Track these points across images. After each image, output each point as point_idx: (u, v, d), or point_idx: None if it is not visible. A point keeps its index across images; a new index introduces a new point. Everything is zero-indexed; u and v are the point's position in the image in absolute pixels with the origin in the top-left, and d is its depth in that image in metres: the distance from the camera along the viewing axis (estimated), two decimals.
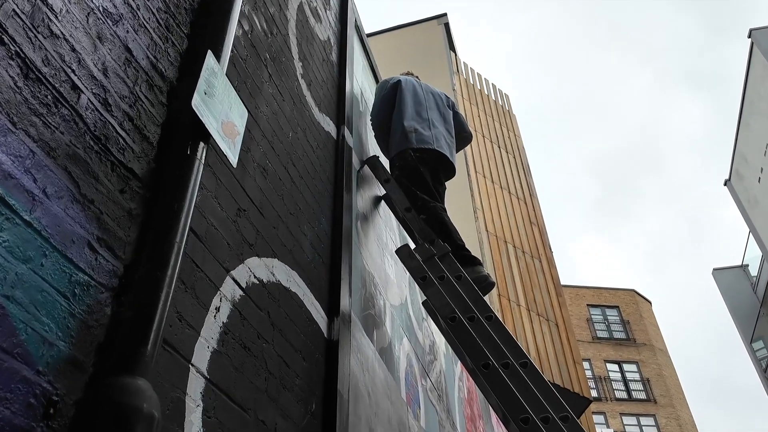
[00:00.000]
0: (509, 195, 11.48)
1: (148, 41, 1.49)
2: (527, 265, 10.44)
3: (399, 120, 3.12)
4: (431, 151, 3.01)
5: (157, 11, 1.57)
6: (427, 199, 2.81)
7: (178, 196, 1.19)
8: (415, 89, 3.27)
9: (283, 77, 2.25)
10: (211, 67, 1.38)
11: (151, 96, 1.45)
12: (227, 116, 1.40)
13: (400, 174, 2.95)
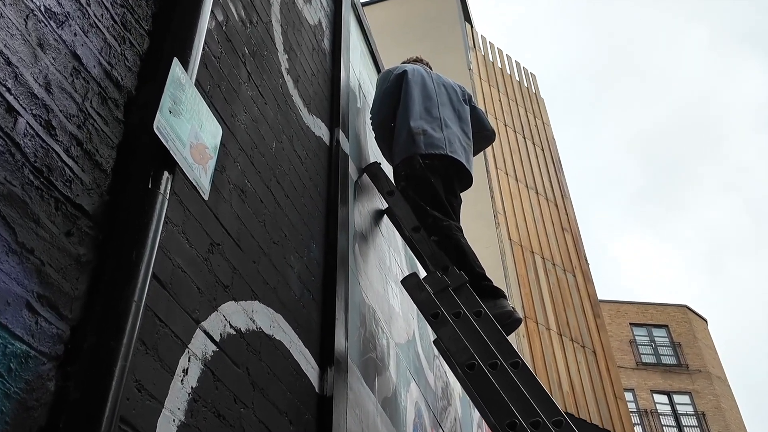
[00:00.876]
0: (537, 196, 11.46)
1: (100, 44, 1.47)
2: (558, 281, 10.42)
3: (404, 119, 3.09)
4: (443, 156, 2.99)
5: (111, 5, 1.55)
6: (439, 217, 2.78)
7: (137, 242, 1.17)
8: (424, 81, 3.25)
9: (265, 75, 2.22)
10: (177, 78, 1.36)
11: (105, 112, 1.42)
12: (197, 137, 1.37)
13: (406, 185, 2.93)
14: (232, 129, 1.89)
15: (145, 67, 1.63)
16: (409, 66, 3.35)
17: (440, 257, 2.65)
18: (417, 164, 2.94)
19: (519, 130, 12.81)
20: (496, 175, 11.18)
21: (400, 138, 3.07)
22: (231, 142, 1.87)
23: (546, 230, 11.02)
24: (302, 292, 2.10)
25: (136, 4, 1.65)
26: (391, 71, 3.30)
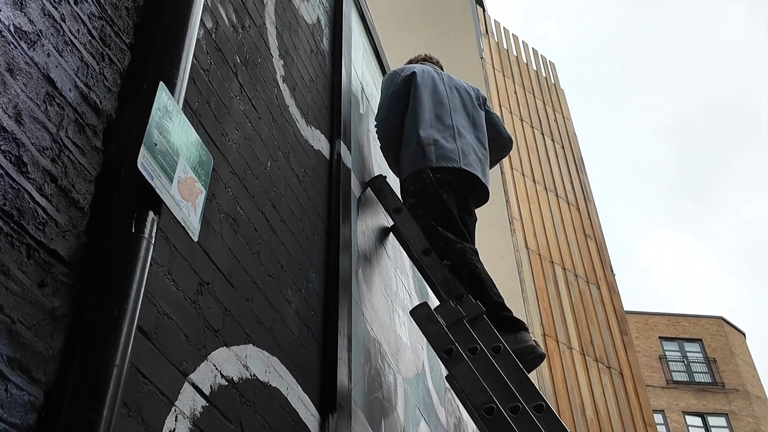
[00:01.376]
0: (557, 199, 11.44)
1: (76, 64, 1.45)
2: (581, 294, 10.40)
3: (413, 127, 3.07)
4: (456, 170, 2.97)
5: (88, 18, 1.53)
6: (452, 239, 2.77)
7: (119, 296, 1.15)
8: (435, 84, 3.23)
9: (259, 86, 2.21)
10: (163, 105, 1.34)
11: (82, 141, 1.41)
12: (185, 171, 1.36)
13: (415, 202, 2.91)
14: (222, 150, 1.88)
15: (127, 86, 1.61)
16: (418, 67, 3.33)
17: (454, 284, 2.64)
18: (427, 179, 2.92)
19: (537, 125, 12.80)
20: (512, 177, 11.16)
21: (408, 149, 3.05)
22: (222, 165, 1.85)
23: (567, 237, 10.99)
24: (300, 330, 2.08)
25: (116, 14, 1.64)
26: (398, 73, 3.28)
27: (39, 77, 1.34)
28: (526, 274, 10.00)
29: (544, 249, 10.46)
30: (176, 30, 1.58)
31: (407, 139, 3.08)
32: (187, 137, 1.40)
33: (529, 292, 9.84)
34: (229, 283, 1.74)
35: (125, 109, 1.57)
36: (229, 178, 1.88)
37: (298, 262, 2.19)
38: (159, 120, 1.31)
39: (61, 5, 1.45)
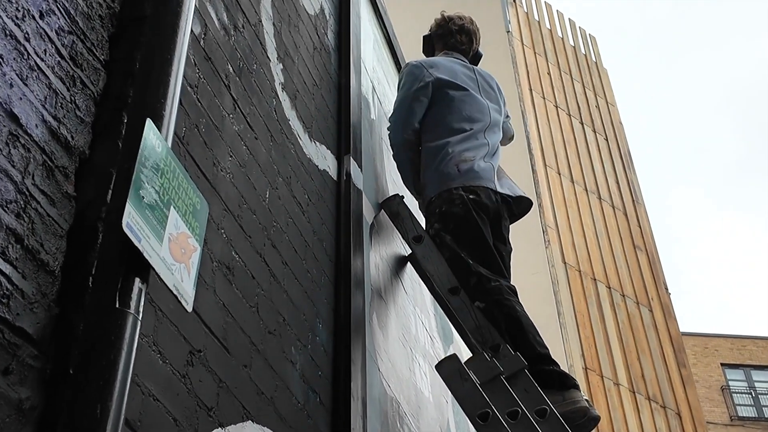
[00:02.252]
0: (599, 203, 11.44)
1: (44, 92, 1.45)
2: (630, 318, 10.39)
3: (442, 138, 3.08)
4: (492, 192, 2.97)
5: (57, 35, 1.53)
6: (487, 275, 2.76)
7: (102, 390, 1.14)
8: (469, 89, 3.25)
9: (255, 98, 2.21)
10: (151, 146, 1.33)
11: (51, 187, 1.40)
12: (177, 225, 1.35)
13: (442, 228, 2.91)
14: (214, 183, 1.87)
15: (102, 115, 1.61)
16: (449, 64, 3.32)
17: (488, 332, 2.63)
18: (458, 199, 2.92)
19: (575, 112, 12.79)
20: (545, 176, 11.16)
21: (433, 162, 3.05)
22: (214, 202, 1.84)
23: (613, 249, 10.99)
24: (307, 396, 2.08)
25: (88, 26, 1.64)
26: (424, 67, 3.27)
27: (0, 114, 1.33)
28: (564, 295, 9.99)
29: (585, 264, 10.44)
30: (162, 44, 1.58)
31: (433, 151, 3.07)
32: (179, 183, 1.39)
33: (567, 316, 9.83)
34: (223, 348, 1.74)
35: (101, 144, 1.57)
36: (222, 217, 1.88)
37: (302, 312, 2.19)
38: (146, 167, 1.30)
39: (25, 22, 1.44)
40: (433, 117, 3.18)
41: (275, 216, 2.17)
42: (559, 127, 12.10)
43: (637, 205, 12.08)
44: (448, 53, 3.47)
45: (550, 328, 9.39)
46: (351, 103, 2.91)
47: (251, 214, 2.03)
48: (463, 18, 3.55)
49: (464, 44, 3.51)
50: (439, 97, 3.20)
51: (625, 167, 12.50)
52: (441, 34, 3.53)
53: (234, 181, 1.98)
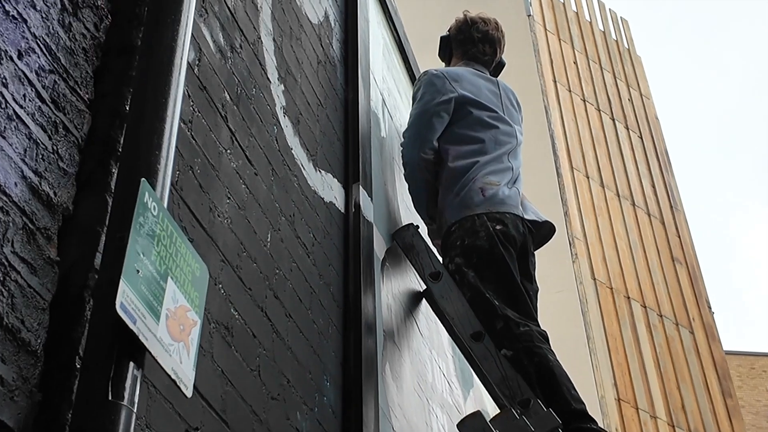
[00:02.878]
0: (633, 210, 11.45)
1: (23, 144, 1.46)
2: (668, 341, 10.40)
3: (465, 158, 3.11)
4: (519, 220, 2.99)
5: (37, 76, 1.54)
6: (515, 318, 2.77)
7: None
8: (496, 112, 3.27)
9: (255, 127, 2.22)
10: (146, 210, 1.34)
11: (32, 254, 1.41)
12: (175, 298, 1.36)
13: (463, 263, 2.92)
14: (211, 232, 1.88)
15: (87, 163, 1.62)
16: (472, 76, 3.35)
17: (517, 384, 2.64)
18: (483, 230, 2.93)
19: (605, 107, 12.81)
20: (572, 180, 11.16)
21: (455, 185, 3.07)
22: (210, 253, 1.86)
23: (648, 263, 11.00)
24: None
25: (71, 61, 1.65)
26: (445, 78, 3.28)
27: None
28: (593, 316, 10.00)
29: (617, 280, 10.46)
30: (155, 83, 1.59)
31: (455, 172, 3.09)
32: (176, 249, 1.40)
33: (597, 339, 9.84)
34: (222, 422, 1.75)
35: (86, 198, 1.58)
36: (220, 270, 1.89)
37: (308, 370, 2.20)
38: (141, 236, 1.31)
39: (2, 65, 1.45)
40: (454, 135, 3.20)
41: (277, 262, 2.18)
42: (587, 124, 12.10)
43: (675, 212, 12.08)
44: (469, 63, 3.48)
45: (577, 355, 9.40)
46: (359, 122, 2.93)
47: (251, 262, 2.04)
48: (488, 23, 3.55)
49: (487, 55, 3.53)
50: (461, 115, 3.22)
51: (662, 169, 12.49)
52: (461, 40, 3.54)
53: (232, 226, 1.99)
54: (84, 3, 1.73)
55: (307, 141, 2.57)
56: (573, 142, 11.74)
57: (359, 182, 2.80)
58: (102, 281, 1.34)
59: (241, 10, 2.30)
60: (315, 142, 2.64)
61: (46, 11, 1.61)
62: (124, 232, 1.31)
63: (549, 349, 2.76)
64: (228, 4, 2.23)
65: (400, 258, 3.16)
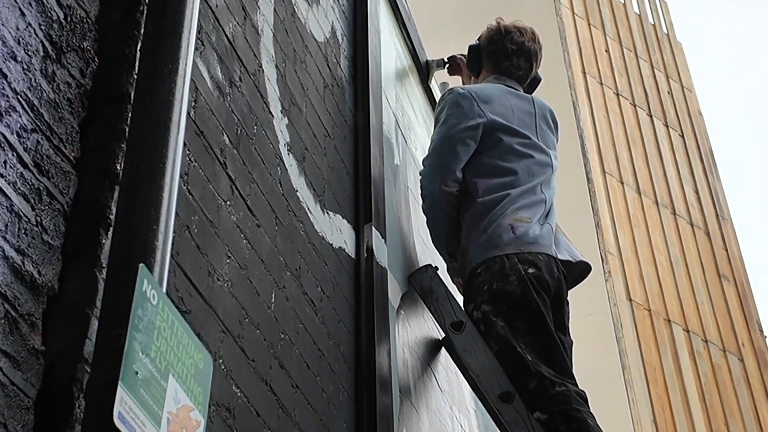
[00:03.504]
0: (674, 220, 11.46)
1: (4, 220, 1.49)
2: (714, 369, 10.41)
3: (494, 192, 3.13)
4: (552, 260, 3.01)
5: (18, 138, 1.55)
6: (550, 376, 2.78)
7: None
8: (527, 132, 3.28)
9: (256, 171, 2.24)
10: (145, 300, 1.36)
11: (15, 345, 1.43)
12: (177, 398, 1.37)
13: (491, 311, 2.93)
14: (210, 299, 1.90)
15: (73, 230, 1.64)
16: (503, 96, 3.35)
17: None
18: (514, 275, 2.94)
19: (641, 101, 12.82)
20: (604, 186, 11.17)
21: (481, 221, 3.09)
22: (210, 324, 1.88)
23: (692, 280, 11.00)
24: None
25: (56, 117, 1.67)
26: (472, 100, 3.26)
27: None
28: (629, 341, 10.00)
29: (657, 301, 10.46)
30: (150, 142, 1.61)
31: (483, 207, 3.11)
32: (178, 340, 1.42)
33: (634, 369, 9.85)
34: None
35: (72, 273, 1.60)
36: (220, 342, 1.90)
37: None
38: (140, 331, 1.33)
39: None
40: (482, 166, 3.20)
41: (283, 325, 2.20)
42: (621, 121, 12.09)
43: (722, 222, 12.07)
44: (501, 78, 3.48)
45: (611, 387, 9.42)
46: (371, 152, 2.94)
47: (254, 329, 2.06)
48: (524, 33, 3.53)
49: (521, 69, 3.52)
50: (490, 143, 3.22)
51: (706, 172, 12.48)
52: (493, 52, 3.52)
53: (233, 290, 2.01)
54: (68, 46, 1.75)
55: (313, 180, 2.59)
56: (605, 143, 11.73)
57: (371, 222, 2.81)
58: (95, 381, 1.36)
59: (240, 38, 2.32)
60: (322, 179, 2.66)
61: (28, 61, 1.63)
62: (121, 330, 1.32)
63: (588, 412, 2.77)
64: (226, 32, 2.25)
65: (416, 302, 3.17)
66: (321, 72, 2.86)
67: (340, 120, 2.93)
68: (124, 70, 1.82)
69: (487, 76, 3.52)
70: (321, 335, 2.40)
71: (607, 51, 12.99)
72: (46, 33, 1.69)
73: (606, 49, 12.99)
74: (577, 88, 11.96)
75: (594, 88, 12.26)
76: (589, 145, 11.39)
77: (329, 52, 2.98)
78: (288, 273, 2.30)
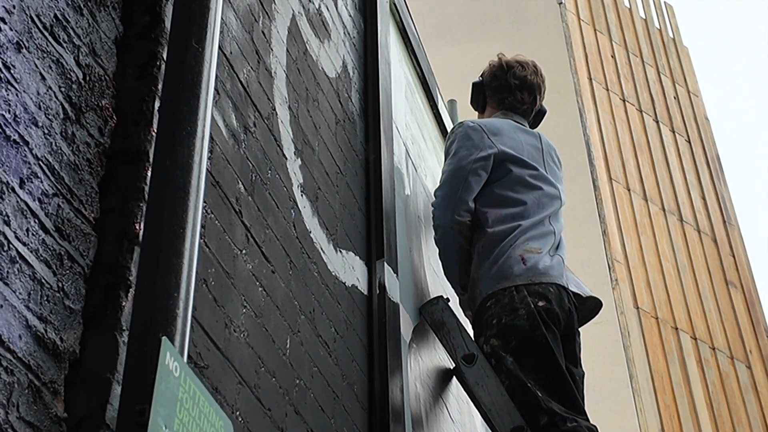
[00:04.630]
0: (681, 226, 11.47)
1: (27, 288, 1.50)
2: (722, 378, 10.41)
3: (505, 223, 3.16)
4: (564, 291, 3.03)
5: (40, 204, 1.57)
6: (561, 413, 2.80)
7: None
8: (535, 164, 3.31)
9: (271, 217, 2.26)
10: (168, 373, 1.38)
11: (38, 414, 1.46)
12: None
13: (500, 346, 2.95)
14: (227, 352, 1.92)
15: (93, 293, 1.66)
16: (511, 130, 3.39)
17: None
18: (523, 308, 2.96)
19: (647, 107, 12.83)
20: (611, 193, 11.18)
21: (491, 252, 3.11)
22: (227, 378, 1.89)
23: (699, 287, 11.01)
24: None
25: (76, 179, 1.69)
26: (482, 132, 3.31)
27: None
28: (636, 349, 10.02)
29: (664, 308, 10.47)
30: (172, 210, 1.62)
31: (494, 238, 3.13)
32: (200, 410, 1.44)
33: (641, 377, 9.86)
34: None
35: (93, 338, 1.62)
36: (237, 394, 1.92)
37: None
38: (163, 405, 1.35)
39: (4, 200, 1.49)
40: (493, 197, 3.23)
41: (297, 371, 2.22)
42: (627, 128, 12.10)
43: (729, 229, 12.07)
44: (507, 114, 3.51)
45: (618, 396, 9.44)
46: (383, 186, 2.97)
47: (270, 378, 2.08)
48: (526, 67, 3.57)
49: (525, 103, 3.56)
50: (501, 174, 3.25)
51: (713, 178, 12.48)
52: (496, 88, 3.56)
53: (249, 340, 2.03)
54: (87, 106, 1.77)
55: (326, 219, 2.61)
56: (611, 149, 11.74)
57: (383, 258, 2.84)
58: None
59: (254, 82, 2.34)
60: (335, 218, 2.68)
61: (48, 125, 1.65)
62: (144, 404, 1.34)
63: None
64: (240, 79, 2.26)
65: (427, 334, 3.19)
66: (333, 108, 2.88)
67: (351, 155, 2.95)
68: (141, 127, 1.84)
69: (493, 112, 3.56)
70: (335, 377, 2.42)
71: (613, 56, 12.99)
72: (65, 94, 1.72)
73: (612, 55, 12.99)
74: (582, 94, 11.97)
75: (600, 94, 12.27)
76: (595, 151, 11.39)
77: (341, 88, 3.00)
78: (302, 317, 2.32)
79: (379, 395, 2.61)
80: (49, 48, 1.69)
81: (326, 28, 3.01)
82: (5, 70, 1.56)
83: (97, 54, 1.84)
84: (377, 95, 3.18)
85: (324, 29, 2.98)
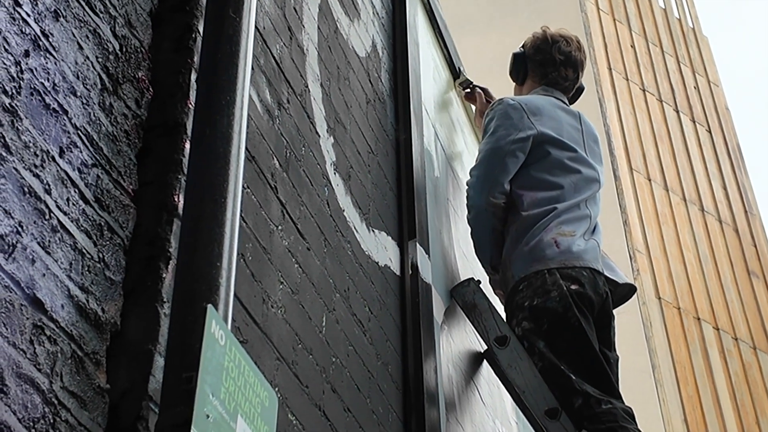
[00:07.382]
0: (702, 216, 11.41)
1: (68, 257, 1.49)
2: (745, 368, 10.35)
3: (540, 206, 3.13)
4: (597, 274, 2.99)
5: (80, 173, 1.56)
6: (596, 395, 2.77)
7: None
8: (575, 146, 3.27)
9: (305, 194, 2.25)
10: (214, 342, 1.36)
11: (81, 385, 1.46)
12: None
13: (532, 329, 2.92)
14: (265, 327, 1.91)
15: (133, 266, 1.64)
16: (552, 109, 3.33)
17: None
18: (555, 291, 2.93)
19: (667, 97, 12.76)
20: (631, 183, 11.12)
21: (525, 235, 3.07)
22: (265, 352, 1.88)
23: (721, 278, 10.95)
24: None
25: (114, 150, 1.68)
26: (522, 111, 3.26)
27: (21, 305, 1.36)
28: (659, 340, 9.97)
29: (686, 299, 10.42)
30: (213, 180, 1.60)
31: (528, 221, 3.10)
32: (245, 380, 1.42)
33: (664, 368, 9.81)
34: None
35: (134, 310, 1.60)
36: (276, 370, 1.91)
37: None
38: (209, 373, 1.33)
39: (45, 169, 1.47)
40: (530, 179, 3.19)
41: (333, 348, 2.21)
42: (647, 118, 12.03)
43: (751, 218, 12.00)
44: (548, 90, 3.45)
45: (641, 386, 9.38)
46: (414, 167, 2.95)
47: (307, 355, 2.06)
48: (570, 42, 3.51)
49: (568, 80, 3.50)
50: (539, 155, 3.21)
51: (734, 168, 12.41)
52: (540, 61, 3.49)
53: (286, 316, 2.01)
54: (124, 77, 1.75)
55: (359, 198, 2.60)
56: (632, 139, 11.68)
57: (415, 238, 2.82)
58: (165, 424, 1.36)
59: (287, 58, 2.32)
60: (367, 197, 2.67)
61: (87, 95, 1.63)
62: (191, 372, 1.32)
63: (636, 429, 2.76)
64: (273, 54, 2.25)
65: (458, 316, 3.17)
66: (363, 88, 2.86)
67: (382, 135, 2.93)
68: (178, 99, 1.83)
69: (534, 86, 3.49)
70: (370, 356, 2.41)
71: (632, 46, 12.92)
72: (102, 65, 1.70)
73: (631, 45, 12.93)
74: (602, 85, 11.90)
75: (620, 84, 12.20)
76: (615, 142, 11.33)
77: (371, 67, 2.98)
78: (337, 295, 2.31)
79: (413, 376, 2.60)
80: (86, 18, 1.68)
81: (356, 7, 2.99)
82: (44, 37, 1.54)
83: (132, 26, 1.82)
84: (407, 76, 3.16)
85: (354, 8, 2.97)
